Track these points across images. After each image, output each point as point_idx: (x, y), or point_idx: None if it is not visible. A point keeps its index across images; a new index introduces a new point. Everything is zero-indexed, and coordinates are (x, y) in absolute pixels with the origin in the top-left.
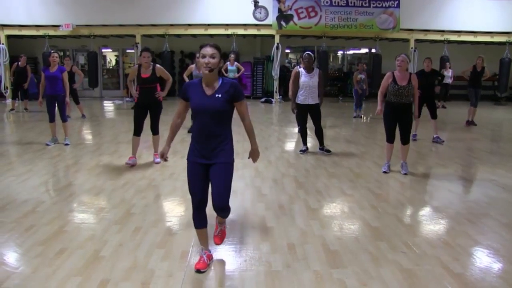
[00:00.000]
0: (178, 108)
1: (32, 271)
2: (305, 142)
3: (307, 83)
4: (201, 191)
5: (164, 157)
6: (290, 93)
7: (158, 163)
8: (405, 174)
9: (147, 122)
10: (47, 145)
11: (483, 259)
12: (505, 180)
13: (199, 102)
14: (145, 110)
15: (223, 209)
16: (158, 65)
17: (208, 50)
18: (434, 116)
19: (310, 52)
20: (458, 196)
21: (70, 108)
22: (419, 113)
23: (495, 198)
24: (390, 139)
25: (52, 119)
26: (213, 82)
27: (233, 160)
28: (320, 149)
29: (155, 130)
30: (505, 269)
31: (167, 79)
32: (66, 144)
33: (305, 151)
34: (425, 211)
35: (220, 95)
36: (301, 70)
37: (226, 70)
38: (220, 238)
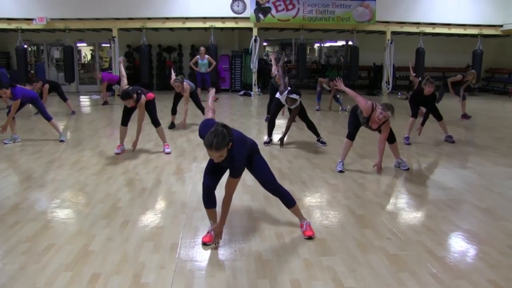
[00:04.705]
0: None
1: (20, 268)
2: (270, 134)
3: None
4: (210, 179)
5: None
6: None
7: (168, 153)
8: (407, 169)
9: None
10: (4, 143)
11: (464, 242)
12: (481, 167)
13: (210, 157)
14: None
15: (275, 190)
16: None
17: (213, 154)
18: (439, 118)
19: (294, 96)
20: (438, 184)
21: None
22: (423, 122)
23: (473, 185)
24: (352, 136)
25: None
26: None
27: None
28: (317, 140)
29: (155, 123)
30: (484, 251)
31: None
32: (62, 141)
33: (269, 142)
34: (408, 199)
35: (225, 165)
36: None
37: (196, 64)
38: (309, 231)
